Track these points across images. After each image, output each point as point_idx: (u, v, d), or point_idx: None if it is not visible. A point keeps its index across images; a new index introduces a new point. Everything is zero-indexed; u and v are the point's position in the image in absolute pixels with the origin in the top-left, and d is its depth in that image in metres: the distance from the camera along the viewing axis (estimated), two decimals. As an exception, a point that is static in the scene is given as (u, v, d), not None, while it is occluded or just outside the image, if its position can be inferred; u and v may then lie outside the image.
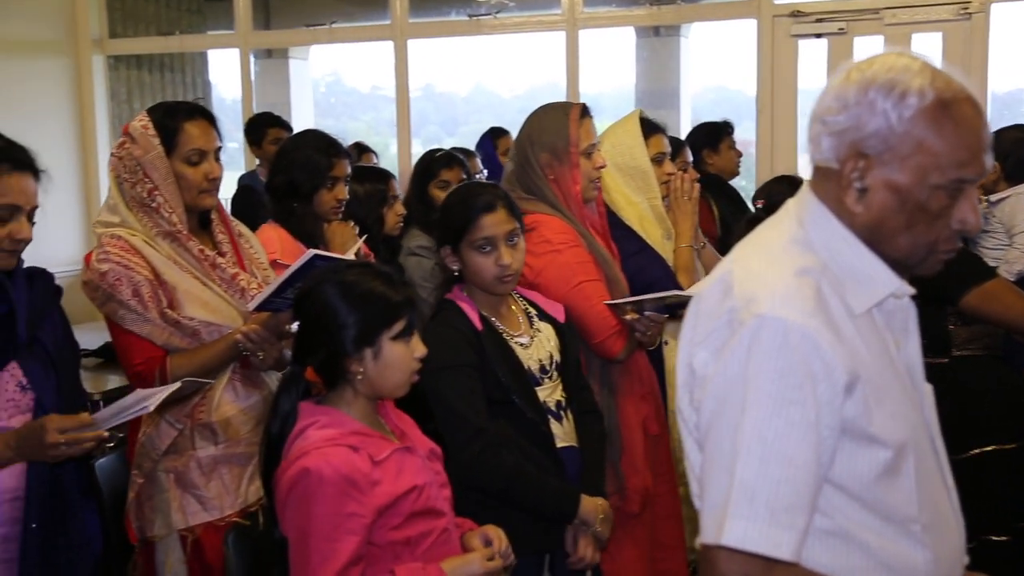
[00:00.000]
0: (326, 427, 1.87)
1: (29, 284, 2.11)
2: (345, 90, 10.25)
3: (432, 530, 1.92)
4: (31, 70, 6.01)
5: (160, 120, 2.47)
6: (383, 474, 1.86)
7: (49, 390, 2.05)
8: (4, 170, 1.99)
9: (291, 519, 1.82)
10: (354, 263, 2.03)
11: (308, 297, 1.93)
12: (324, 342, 1.89)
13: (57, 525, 2.04)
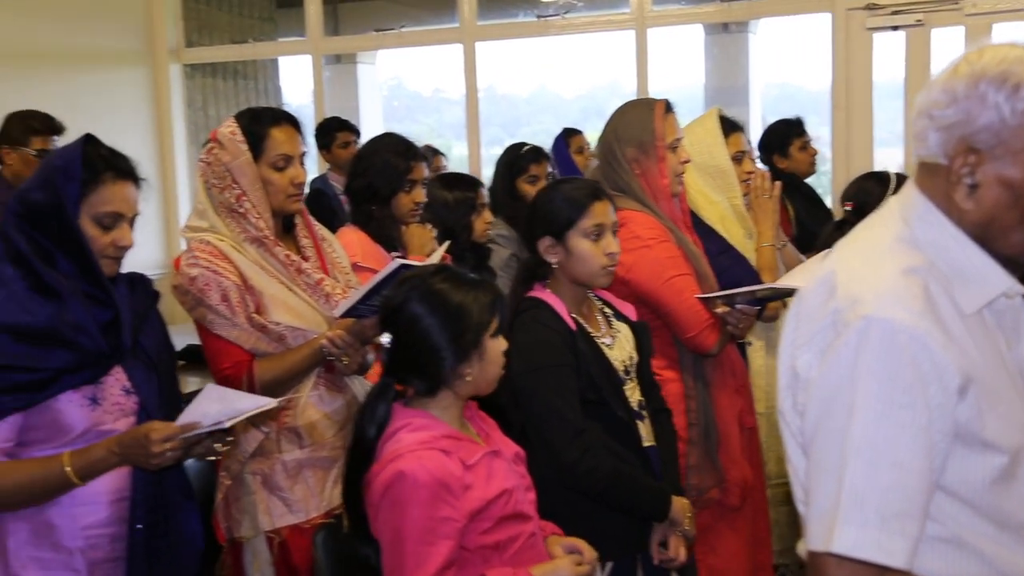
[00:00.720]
0: (419, 430, 1.88)
1: (130, 290, 2.14)
2: (408, 94, 10.33)
3: (520, 534, 1.92)
4: (112, 80, 6.15)
5: (247, 126, 2.50)
6: (474, 478, 1.87)
7: (152, 393, 2.08)
8: (108, 179, 2.02)
9: (385, 521, 1.84)
10: (434, 268, 2.03)
11: (399, 313, 1.93)
12: (426, 357, 1.90)
13: (160, 526, 2.07)
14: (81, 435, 1.99)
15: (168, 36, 6.43)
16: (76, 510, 2.01)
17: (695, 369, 2.74)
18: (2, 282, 1.96)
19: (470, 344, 1.90)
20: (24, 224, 1.99)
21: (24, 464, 1.96)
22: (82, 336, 1.97)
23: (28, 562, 1.99)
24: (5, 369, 1.91)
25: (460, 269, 2.01)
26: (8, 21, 5.39)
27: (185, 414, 1.95)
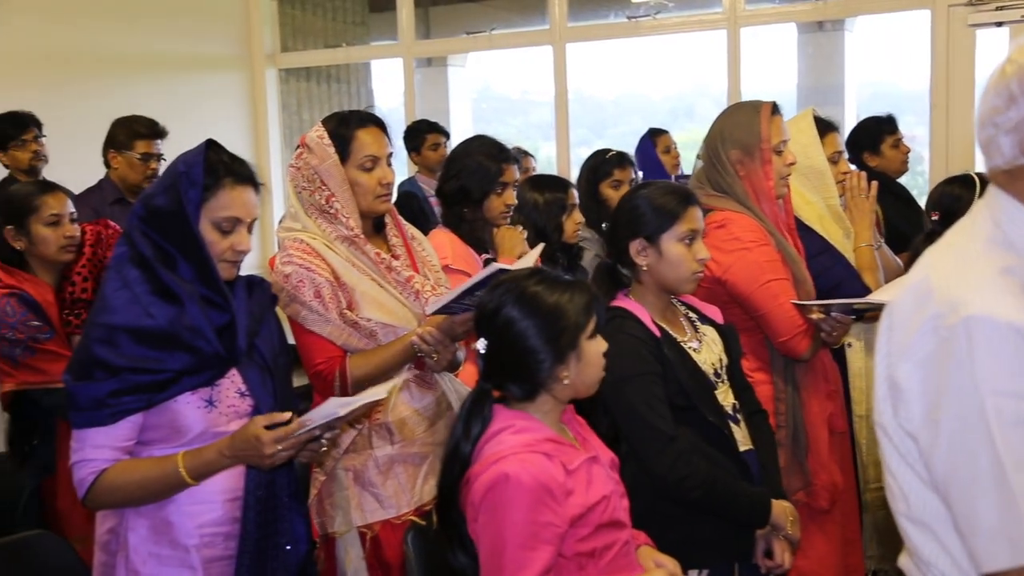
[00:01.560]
0: (521, 432, 1.87)
1: (248, 293, 2.17)
2: (495, 96, 10.37)
3: (615, 542, 1.91)
4: (211, 84, 6.33)
5: (334, 129, 2.55)
6: (575, 484, 1.86)
7: (266, 396, 2.11)
8: (227, 184, 2.06)
9: (485, 524, 1.83)
10: (529, 271, 2.03)
11: (494, 317, 1.93)
12: (523, 361, 1.90)
13: (270, 526, 2.10)
14: (198, 436, 2.04)
15: (265, 41, 6.59)
16: (192, 508, 2.06)
17: (786, 372, 2.72)
18: (125, 285, 2.01)
19: (567, 346, 1.89)
20: (147, 228, 2.04)
21: (142, 463, 2.02)
22: (200, 339, 2.01)
23: (148, 558, 2.05)
24: (127, 370, 1.97)
25: (555, 271, 2.00)
26: (114, 29, 5.59)
27: (307, 416, 1.98)
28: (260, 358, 2.15)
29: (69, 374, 2.01)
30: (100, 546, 2.13)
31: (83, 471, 1.99)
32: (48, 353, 2.91)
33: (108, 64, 5.56)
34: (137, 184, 4.18)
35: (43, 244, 3.00)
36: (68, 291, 3.04)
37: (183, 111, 5.58)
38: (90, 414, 1.98)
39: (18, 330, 2.88)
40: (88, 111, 4.70)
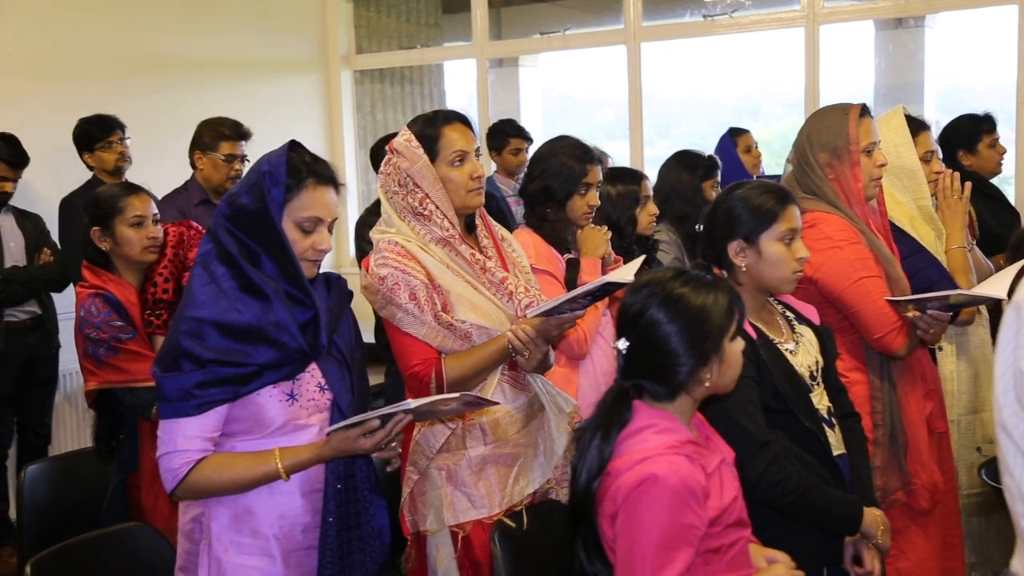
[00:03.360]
0: (664, 433, 1.88)
1: (327, 290, 2.21)
2: (559, 96, 10.35)
3: (739, 540, 1.91)
4: (287, 86, 6.41)
5: (421, 131, 2.57)
6: (712, 486, 1.86)
7: (344, 390, 2.15)
8: (310, 184, 2.10)
9: (627, 520, 1.83)
10: (673, 272, 2.02)
11: (639, 319, 1.93)
12: (665, 363, 1.90)
13: (350, 519, 2.14)
14: (279, 429, 2.08)
15: (340, 44, 6.66)
16: (273, 499, 2.10)
17: (882, 371, 2.70)
18: (212, 280, 2.06)
19: (711, 349, 1.89)
20: (233, 226, 2.08)
21: (239, 458, 2.06)
22: (284, 335, 2.05)
23: (229, 545, 2.10)
24: (213, 362, 2.02)
25: (698, 272, 1.99)
26: (195, 33, 5.69)
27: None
28: (338, 353, 2.19)
29: (158, 366, 2.07)
30: (184, 534, 2.18)
31: (175, 462, 2.04)
32: (130, 353, 2.95)
33: (189, 67, 5.66)
34: (221, 185, 4.26)
35: (127, 245, 3.05)
36: (150, 291, 3.09)
37: (261, 112, 5.65)
38: (177, 405, 2.02)
39: (102, 330, 2.93)
40: (169, 114, 4.80)
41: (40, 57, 4.92)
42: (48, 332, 4.58)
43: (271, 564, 2.09)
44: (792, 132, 2.91)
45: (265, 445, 2.08)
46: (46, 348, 4.59)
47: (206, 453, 2.04)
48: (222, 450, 2.08)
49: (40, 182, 4.67)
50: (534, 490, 2.62)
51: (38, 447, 4.63)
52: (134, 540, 2.55)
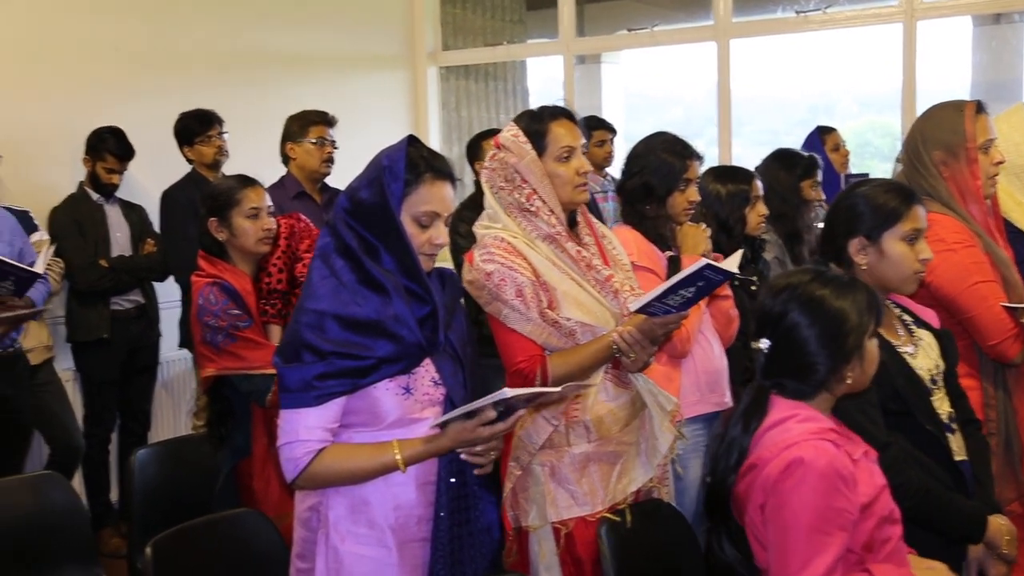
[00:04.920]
0: (806, 421, 1.90)
1: (441, 285, 2.23)
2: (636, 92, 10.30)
3: (891, 536, 1.91)
4: (374, 82, 6.49)
5: (528, 126, 2.58)
6: (859, 473, 1.87)
7: (457, 385, 2.17)
8: (427, 179, 2.11)
9: (777, 506, 1.84)
10: (811, 273, 2.02)
11: (780, 322, 1.95)
12: (806, 364, 1.92)
13: (461, 513, 2.16)
14: (395, 422, 2.10)
15: (427, 40, 6.71)
16: (389, 490, 2.12)
17: (996, 378, 2.64)
18: (333, 273, 2.09)
19: (852, 349, 1.91)
20: (352, 220, 2.11)
21: (358, 449, 2.09)
22: (403, 328, 2.07)
23: (346, 535, 2.12)
24: (333, 354, 2.04)
25: (834, 272, 2.00)
26: (286, 30, 5.79)
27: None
28: (451, 348, 2.20)
29: (279, 356, 2.09)
30: (301, 522, 2.21)
31: (296, 451, 2.06)
32: (247, 340, 3.00)
33: (281, 64, 5.76)
34: (316, 170, 4.35)
35: (243, 236, 3.11)
36: (264, 281, 3.14)
37: (349, 108, 5.71)
38: (298, 395, 2.05)
39: (220, 318, 2.98)
40: (262, 109, 4.89)
41: (143, 53, 5.04)
42: (150, 320, 4.69)
43: (387, 554, 2.11)
44: (869, 131, 2.87)
45: (380, 437, 2.10)
46: (148, 336, 4.70)
47: (326, 443, 2.07)
48: (339, 441, 2.10)
49: (142, 174, 4.79)
50: (637, 488, 2.62)
51: (138, 433, 4.74)
52: (246, 525, 2.61)
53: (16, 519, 2.79)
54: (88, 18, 4.81)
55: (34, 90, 4.58)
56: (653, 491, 2.67)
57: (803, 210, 3.90)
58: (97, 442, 4.57)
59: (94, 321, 4.46)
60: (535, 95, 7.42)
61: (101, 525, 4.52)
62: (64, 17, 4.72)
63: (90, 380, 4.59)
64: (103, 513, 4.58)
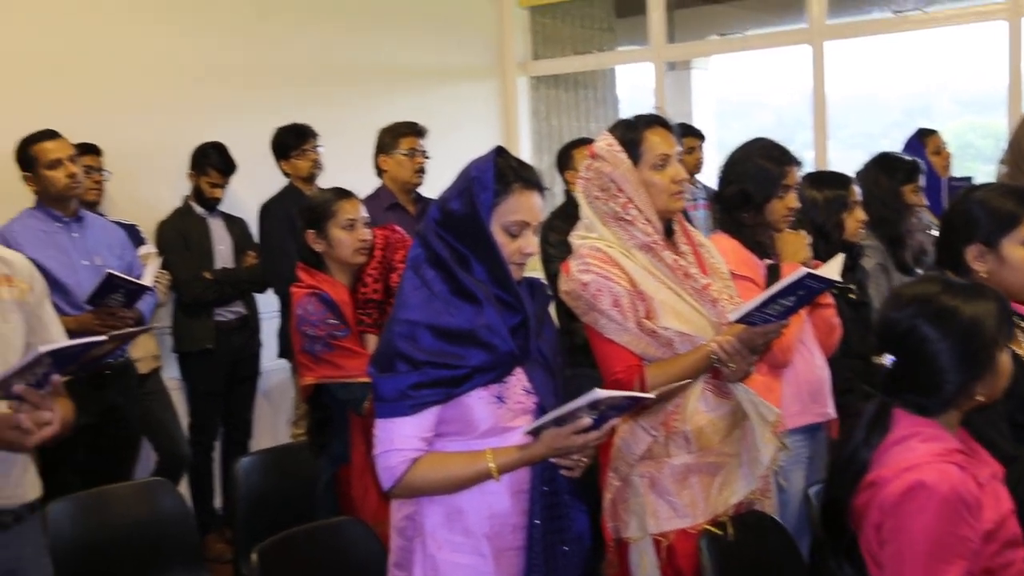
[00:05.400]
0: (931, 440, 1.84)
1: (531, 294, 2.24)
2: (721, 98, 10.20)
3: (1014, 560, 1.83)
4: (465, 92, 6.54)
5: (623, 135, 2.57)
6: (985, 497, 1.81)
7: (548, 394, 2.17)
8: (517, 189, 2.12)
9: (895, 529, 1.80)
10: (940, 283, 1.96)
11: (908, 336, 1.89)
12: (934, 380, 1.86)
13: (555, 521, 2.16)
14: (488, 431, 2.12)
15: (517, 50, 6.75)
16: (484, 499, 2.13)
17: None
18: (424, 284, 2.11)
19: (984, 362, 1.84)
20: (443, 231, 2.13)
21: (452, 458, 2.11)
22: (495, 338, 2.09)
23: (443, 543, 2.14)
24: (427, 364, 2.06)
25: (960, 280, 1.94)
26: (378, 42, 5.88)
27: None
28: (542, 357, 2.21)
29: (374, 366, 2.13)
30: (397, 531, 2.23)
31: (392, 460, 2.08)
32: (344, 350, 3.06)
33: (373, 76, 5.86)
34: (409, 181, 4.41)
35: (339, 247, 3.17)
36: (360, 291, 3.20)
37: (440, 118, 5.77)
38: (393, 404, 2.08)
39: (318, 327, 3.05)
40: (355, 121, 4.97)
41: (243, 70, 5.18)
42: (252, 331, 4.80)
43: (483, 563, 2.13)
44: (969, 132, 2.78)
45: (473, 446, 2.11)
46: (250, 346, 4.81)
47: (421, 452, 2.09)
48: (433, 450, 2.12)
49: (243, 188, 4.91)
50: (738, 500, 2.58)
51: (241, 441, 4.86)
52: (347, 533, 2.66)
53: (127, 524, 2.89)
54: (191, 38, 4.96)
55: (141, 108, 4.74)
56: (755, 503, 2.62)
57: (905, 215, 3.80)
58: (202, 450, 4.70)
59: (199, 332, 4.59)
60: (625, 103, 7.40)
61: (206, 531, 4.62)
62: (168, 38, 4.88)
63: (195, 389, 4.73)
64: (208, 519, 4.70)
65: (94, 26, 4.62)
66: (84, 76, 4.55)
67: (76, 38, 4.54)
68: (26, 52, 4.37)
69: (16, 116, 3.99)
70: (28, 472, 2.17)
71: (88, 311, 3.66)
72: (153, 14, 4.84)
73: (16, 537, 2.12)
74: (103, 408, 3.88)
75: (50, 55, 4.44)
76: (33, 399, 1.91)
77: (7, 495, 2.09)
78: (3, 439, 1.94)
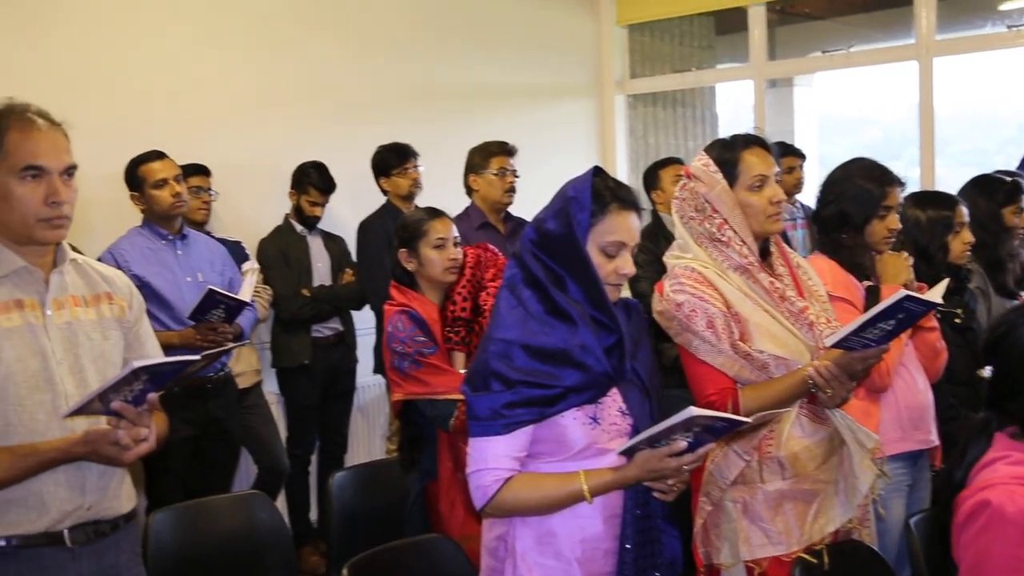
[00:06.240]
0: (1017, 464, 1.80)
1: (627, 315, 2.22)
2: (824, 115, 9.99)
3: None
4: (562, 111, 6.55)
5: (719, 155, 2.54)
6: None
7: (644, 416, 2.15)
8: (614, 209, 2.12)
9: (965, 545, 1.78)
10: None
11: (1005, 342, 1.86)
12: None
13: (647, 546, 2.13)
14: (581, 452, 2.10)
15: (615, 69, 6.74)
16: (576, 522, 2.11)
17: None
18: (520, 303, 2.11)
19: None
20: (539, 251, 2.13)
21: (546, 479, 2.10)
22: (590, 358, 2.07)
23: (533, 566, 2.12)
24: (521, 383, 2.06)
25: None
26: (478, 64, 5.94)
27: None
28: (638, 379, 2.19)
29: (468, 385, 2.12)
30: (488, 551, 2.22)
31: (485, 479, 2.08)
32: (431, 367, 3.09)
33: (471, 96, 5.92)
34: (499, 200, 4.44)
35: (430, 265, 3.20)
36: (449, 309, 3.22)
37: (536, 137, 5.82)
38: (487, 424, 2.07)
39: (407, 344, 3.08)
40: (453, 140, 5.02)
41: (341, 90, 5.29)
42: (348, 347, 4.88)
43: None
44: None
45: (567, 467, 2.10)
46: (346, 362, 4.89)
47: (514, 472, 2.08)
48: (527, 470, 2.11)
49: (339, 206, 5.01)
50: (835, 528, 2.51)
51: (336, 455, 4.94)
52: (436, 551, 2.66)
53: (224, 535, 2.95)
54: (294, 62, 5.10)
55: (246, 129, 4.89)
56: (853, 532, 2.55)
57: (1004, 238, 3.66)
58: (299, 463, 4.79)
59: (296, 347, 4.69)
60: (724, 120, 7.32)
61: (301, 543, 4.70)
62: (272, 63, 5.02)
63: (292, 403, 4.82)
64: (303, 532, 4.78)
65: (203, 53, 4.79)
66: (193, 100, 4.72)
67: (186, 65, 4.72)
68: (139, 79, 4.55)
69: (130, 139, 4.14)
70: (124, 484, 2.23)
71: (190, 326, 3.78)
72: (257, 40, 4.99)
73: (113, 545, 2.18)
74: (204, 420, 3.99)
75: (161, 81, 4.62)
76: (130, 415, 1.97)
77: (105, 506, 2.15)
78: (102, 454, 2.01)
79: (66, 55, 4.33)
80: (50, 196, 2.05)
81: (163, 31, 4.67)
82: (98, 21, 4.47)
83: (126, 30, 4.55)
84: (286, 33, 5.09)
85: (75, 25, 4.39)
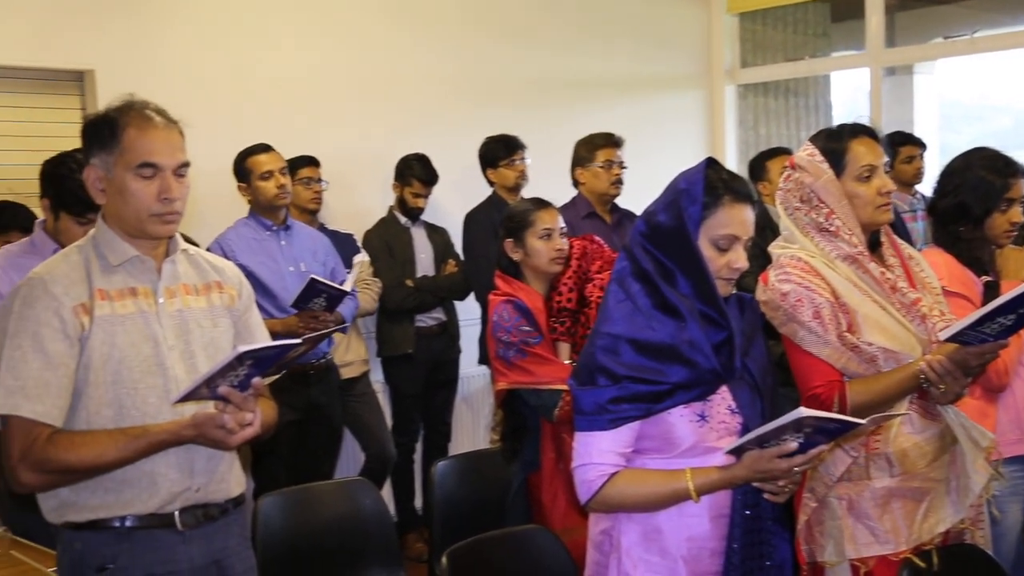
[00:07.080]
0: None
1: (739, 311, 2.18)
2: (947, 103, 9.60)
3: None
4: (671, 102, 6.48)
5: (825, 145, 2.48)
6: None
7: (755, 415, 2.10)
8: (726, 202, 2.07)
9: None
10: None
11: None
12: None
13: (754, 547, 2.09)
14: (688, 449, 2.07)
15: (725, 58, 6.63)
16: (682, 520, 2.08)
17: None
18: (629, 297, 2.09)
19: None
20: (649, 244, 2.10)
21: (651, 475, 2.07)
22: (698, 354, 2.04)
23: (638, 562, 2.10)
24: (627, 379, 2.04)
25: None
26: (587, 55, 5.92)
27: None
28: (749, 377, 2.14)
29: (575, 379, 2.12)
30: (594, 545, 2.21)
31: (590, 474, 2.06)
32: (536, 356, 3.09)
33: (580, 87, 5.90)
34: (605, 192, 4.42)
35: (536, 256, 3.21)
36: (555, 300, 3.22)
37: (644, 129, 5.77)
38: (592, 418, 2.06)
39: (512, 334, 3.09)
40: (561, 132, 5.00)
41: (447, 81, 5.34)
42: (451, 337, 4.93)
43: None
44: None
45: (674, 465, 2.07)
46: (450, 352, 4.95)
47: (619, 467, 2.06)
48: (633, 466, 2.09)
49: (445, 197, 5.06)
50: (945, 529, 2.43)
51: (440, 444, 5.00)
52: (535, 542, 2.67)
53: (329, 521, 3.01)
54: (400, 55, 5.17)
55: (355, 121, 4.98)
56: (965, 534, 2.46)
57: None
58: (403, 451, 4.85)
59: (400, 337, 4.76)
60: (839, 109, 7.12)
61: (406, 530, 4.78)
62: (379, 56, 5.10)
63: (397, 392, 4.90)
64: (408, 519, 4.86)
65: (312, 48, 4.90)
66: (302, 93, 4.83)
67: (294, 59, 4.83)
68: (251, 73, 4.68)
69: (242, 131, 4.27)
70: (233, 469, 2.28)
71: (293, 314, 3.87)
72: (365, 34, 5.07)
73: (222, 528, 2.24)
74: (306, 406, 4.08)
75: (271, 75, 4.74)
76: (236, 400, 2.02)
77: (213, 490, 2.21)
78: (209, 437, 2.06)
79: (183, 54, 4.48)
80: (163, 193, 2.11)
81: (275, 29, 4.79)
82: (213, 22, 4.61)
83: (240, 29, 4.69)
84: (394, 26, 5.16)
85: (192, 25, 4.54)
